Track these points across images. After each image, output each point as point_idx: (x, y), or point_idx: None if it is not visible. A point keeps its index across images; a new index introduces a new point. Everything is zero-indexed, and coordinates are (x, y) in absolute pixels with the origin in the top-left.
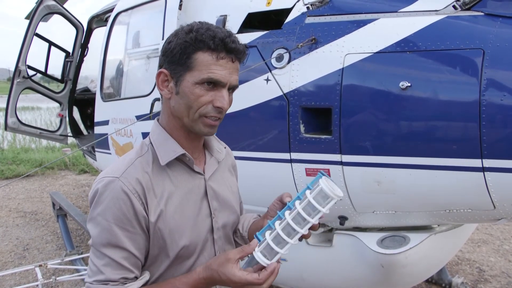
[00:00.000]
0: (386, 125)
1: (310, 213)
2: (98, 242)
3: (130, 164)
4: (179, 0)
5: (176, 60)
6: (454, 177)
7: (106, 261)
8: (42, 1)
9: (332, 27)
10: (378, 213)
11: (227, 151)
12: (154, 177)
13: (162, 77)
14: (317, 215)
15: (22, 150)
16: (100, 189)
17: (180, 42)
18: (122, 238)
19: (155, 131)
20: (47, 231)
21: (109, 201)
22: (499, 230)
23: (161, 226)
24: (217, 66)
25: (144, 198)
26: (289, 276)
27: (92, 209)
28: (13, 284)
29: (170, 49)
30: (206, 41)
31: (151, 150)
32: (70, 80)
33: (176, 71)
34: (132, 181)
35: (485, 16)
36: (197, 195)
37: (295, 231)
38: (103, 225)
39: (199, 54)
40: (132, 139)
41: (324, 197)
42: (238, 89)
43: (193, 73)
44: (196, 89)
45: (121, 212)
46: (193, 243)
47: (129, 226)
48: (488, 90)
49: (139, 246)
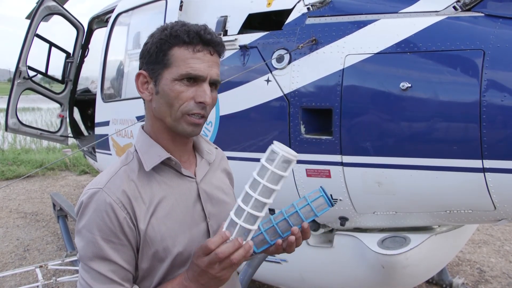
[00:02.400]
0: (386, 126)
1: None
2: (84, 256)
3: (114, 174)
4: (180, 1)
5: (153, 59)
6: (455, 178)
7: (94, 275)
8: (43, 2)
9: (333, 28)
10: (379, 214)
11: (219, 153)
12: (141, 185)
13: (141, 79)
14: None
15: (22, 151)
16: (85, 201)
17: (156, 40)
18: (108, 250)
19: (140, 138)
20: (47, 232)
21: (93, 213)
22: (499, 231)
23: (152, 233)
24: (195, 60)
25: (130, 207)
26: (289, 277)
27: (77, 222)
28: (13, 285)
29: (147, 50)
30: (180, 36)
31: (137, 157)
32: (70, 81)
33: (154, 71)
34: (116, 191)
35: (486, 17)
36: (189, 199)
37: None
38: (87, 238)
39: (175, 50)
40: (132, 140)
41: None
42: (238, 90)
43: (171, 69)
44: (175, 86)
45: (105, 223)
46: (187, 249)
47: (114, 238)
48: (489, 91)
49: (127, 258)
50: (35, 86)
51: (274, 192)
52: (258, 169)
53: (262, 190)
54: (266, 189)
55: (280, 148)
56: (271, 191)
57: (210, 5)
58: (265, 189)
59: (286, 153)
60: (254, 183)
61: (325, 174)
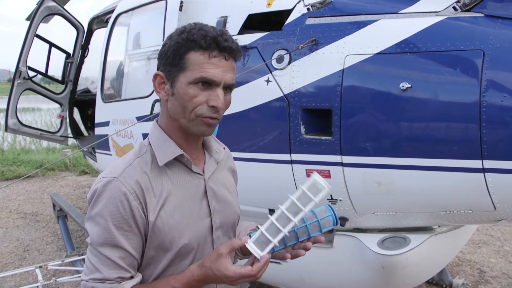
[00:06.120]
0: (386, 126)
1: (304, 203)
2: (95, 241)
3: (128, 164)
4: (180, 1)
5: (170, 61)
6: (455, 178)
7: (103, 260)
8: (43, 2)
9: (333, 28)
10: (379, 214)
11: (227, 152)
12: (153, 177)
13: (159, 80)
14: (310, 204)
15: (22, 151)
16: (99, 189)
17: (173, 43)
18: (119, 237)
19: (154, 132)
20: (47, 232)
21: (107, 201)
22: (499, 231)
23: (160, 224)
24: (210, 65)
25: (142, 198)
26: (289, 277)
27: (90, 208)
28: (13, 286)
29: (165, 51)
30: (197, 41)
31: (150, 151)
32: (70, 81)
33: (171, 73)
34: (131, 181)
35: (485, 17)
36: (197, 195)
37: (289, 220)
38: (101, 224)
39: (191, 54)
40: (132, 140)
41: (317, 188)
42: (238, 90)
43: (186, 73)
44: (190, 89)
45: (118, 211)
46: (192, 242)
47: (126, 226)
48: (489, 91)
49: (135, 246)
50: (35, 86)
51: (300, 213)
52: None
53: (300, 216)
54: (294, 207)
55: (317, 176)
56: (298, 210)
57: (210, 6)
58: (302, 215)
59: (319, 179)
60: (295, 209)
61: (325, 174)
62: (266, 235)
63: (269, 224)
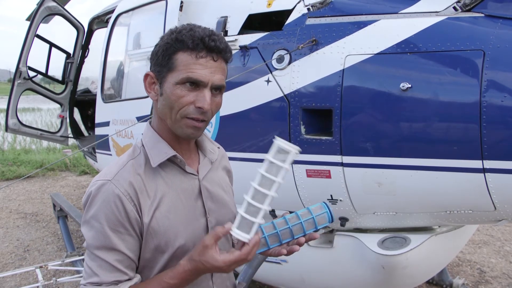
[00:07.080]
0: (386, 126)
1: (275, 173)
2: (92, 245)
3: (122, 166)
4: (180, 2)
5: (159, 61)
6: (455, 178)
7: (100, 263)
8: (43, 3)
9: (333, 29)
10: (379, 214)
11: (221, 152)
12: (146, 179)
13: (149, 80)
14: (281, 172)
15: (22, 151)
16: (93, 192)
17: (163, 43)
18: (115, 240)
19: (147, 134)
20: (47, 233)
21: (101, 204)
22: (500, 231)
23: (155, 225)
24: (197, 65)
25: (136, 200)
26: (289, 277)
27: (85, 212)
28: (13, 286)
29: (155, 52)
30: (185, 41)
31: (143, 152)
32: (70, 81)
33: (160, 73)
34: (124, 183)
35: (486, 17)
36: (191, 195)
37: (264, 195)
38: (96, 228)
39: (179, 54)
40: (133, 140)
41: (282, 153)
42: (238, 91)
43: (174, 73)
44: (177, 90)
45: (113, 214)
46: (188, 242)
47: (121, 228)
48: (489, 91)
49: (132, 248)
50: (35, 86)
51: (274, 184)
52: (267, 167)
53: (275, 187)
54: (266, 180)
55: (280, 140)
56: (271, 182)
57: (210, 6)
58: (277, 186)
59: (283, 144)
60: (268, 181)
61: (325, 174)
62: (247, 217)
63: (247, 205)
